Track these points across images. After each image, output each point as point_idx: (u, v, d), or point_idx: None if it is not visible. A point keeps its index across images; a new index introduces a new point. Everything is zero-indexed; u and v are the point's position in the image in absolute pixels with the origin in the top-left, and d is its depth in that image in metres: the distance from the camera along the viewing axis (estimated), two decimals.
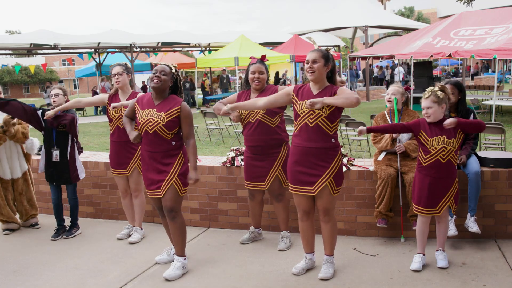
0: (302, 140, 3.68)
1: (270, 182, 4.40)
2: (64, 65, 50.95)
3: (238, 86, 19.55)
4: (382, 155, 4.55)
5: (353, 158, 4.93)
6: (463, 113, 4.40)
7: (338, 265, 4.01)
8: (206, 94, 23.52)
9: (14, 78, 53.25)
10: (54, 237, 4.99)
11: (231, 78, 28.60)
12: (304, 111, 3.67)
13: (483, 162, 4.50)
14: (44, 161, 5.04)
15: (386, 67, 28.23)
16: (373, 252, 4.34)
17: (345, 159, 4.75)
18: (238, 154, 5.11)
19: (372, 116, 8.79)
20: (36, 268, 4.24)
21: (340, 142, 4.56)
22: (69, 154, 4.95)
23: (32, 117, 4.90)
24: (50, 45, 18.66)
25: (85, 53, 22.66)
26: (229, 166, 5.07)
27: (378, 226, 4.53)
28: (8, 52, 24.12)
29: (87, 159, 5.71)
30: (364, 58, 19.42)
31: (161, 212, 4.11)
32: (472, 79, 26.44)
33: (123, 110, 4.66)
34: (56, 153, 4.90)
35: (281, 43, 21.09)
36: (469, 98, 12.76)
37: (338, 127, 3.99)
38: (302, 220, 3.88)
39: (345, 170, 4.60)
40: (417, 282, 3.69)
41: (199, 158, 5.42)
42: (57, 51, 19.87)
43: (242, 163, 4.93)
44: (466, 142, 4.47)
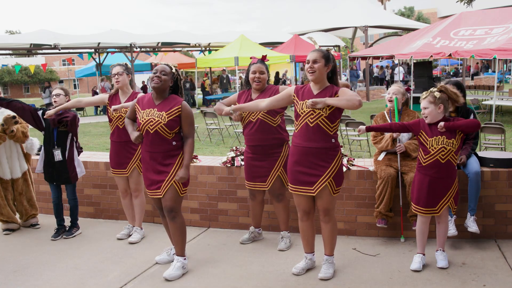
0: (302, 140, 3.69)
1: (272, 182, 4.40)
2: (64, 65, 50.96)
3: (238, 86, 19.54)
4: (382, 155, 4.55)
5: (353, 158, 4.93)
6: (463, 113, 4.40)
7: (338, 265, 4.01)
8: (206, 94, 23.50)
9: (14, 78, 53.25)
10: (54, 237, 4.99)
11: (231, 78, 28.59)
12: (304, 111, 3.67)
13: (483, 162, 4.50)
14: (42, 161, 5.05)
15: (386, 67, 28.24)
16: (373, 252, 4.34)
17: (345, 159, 4.75)
18: (238, 154, 5.11)
19: (372, 116, 8.79)
20: (36, 268, 4.24)
21: (340, 142, 4.56)
22: (67, 154, 4.96)
23: (32, 117, 4.92)
24: (50, 45, 18.66)
25: (85, 53, 22.66)
26: (229, 166, 5.07)
27: (378, 226, 4.53)
28: (8, 52, 24.12)
29: (87, 159, 5.72)
30: (364, 58, 19.42)
31: (161, 212, 4.12)
32: (472, 79, 26.44)
33: (123, 111, 4.66)
34: (57, 152, 4.91)
35: (281, 43, 21.09)
36: (469, 98, 12.77)
37: (338, 127, 3.99)
38: (302, 220, 3.88)
39: (345, 170, 4.60)
40: (417, 282, 3.69)
41: (199, 158, 5.42)
42: (57, 51, 19.87)
43: (242, 163, 4.93)
44: (466, 142, 4.47)
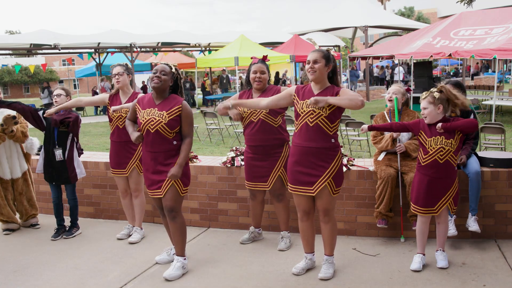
0: (302, 139, 3.69)
1: (273, 182, 4.40)
2: (64, 65, 50.96)
3: (238, 86, 19.54)
4: (382, 155, 4.55)
5: (353, 158, 4.93)
6: (463, 113, 4.39)
7: (338, 265, 4.01)
8: (207, 94, 23.48)
9: (14, 78, 53.26)
10: (54, 237, 4.99)
11: (231, 78, 28.59)
12: (304, 111, 3.67)
13: (483, 162, 4.50)
14: (42, 161, 5.05)
15: (386, 67, 28.24)
16: (373, 252, 4.34)
17: (345, 159, 4.75)
18: (238, 154, 5.11)
19: (372, 116, 8.79)
20: (36, 268, 4.24)
21: (340, 142, 4.56)
22: (67, 154, 4.96)
23: (33, 117, 4.93)
24: (50, 45, 18.66)
25: (85, 53, 22.66)
26: (229, 166, 5.07)
27: (378, 226, 4.52)
28: (8, 52, 24.11)
29: (87, 159, 5.72)
30: (364, 58, 19.42)
31: (161, 211, 4.12)
32: (472, 79, 26.44)
33: (123, 111, 4.66)
34: (58, 152, 4.91)
35: (281, 43, 21.09)
36: (469, 98, 12.71)
37: (338, 127, 3.99)
38: (302, 220, 3.88)
39: (345, 170, 4.60)
40: (417, 282, 3.69)
41: (199, 158, 5.42)
42: (57, 51, 19.87)
43: (242, 163, 4.93)
44: (466, 142, 4.47)
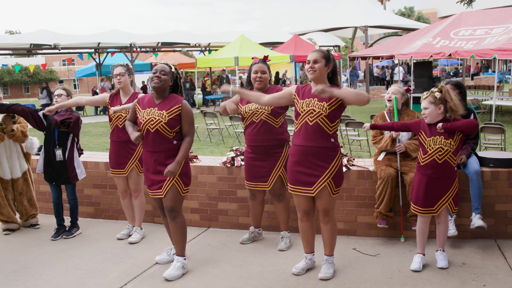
0: (301, 139, 3.69)
1: (273, 182, 4.40)
2: (64, 65, 50.95)
3: (238, 86, 19.52)
4: (382, 155, 4.56)
5: (353, 158, 4.93)
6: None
7: (338, 265, 4.01)
8: (207, 94, 23.45)
9: (14, 78, 53.25)
10: (54, 237, 4.99)
11: (231, 78, 28.56)
12: (304, 110, 3.67)
13: (483, 162, 4.50)
14: (42, 161, 5.05)
15: (386, 67, 28.25)
16: (373, 252, 4.34)
17: (345, 159, 4.75)
18: (238, 154, 5.11)
19: (372, 116, 8.79)
20: (36, 268, 4.24)
21: (340, 142, 4.56)
22: (67, 154, 4.95)
23: (33, 118, 4.92)
24: (50, 45, 18.67)
25: (85, 53, 22.66)
26: (229, 166, 5.07)
27: (378, 226, 4.52)
28: (8, 52, 24.11)
29: (87, 159, 5.72)
30: (364, 58, 19.41)
31: (162, 212, 4.11)
32: (472, 79, 26.44)
33: (123, 111, 4.66)
34: (59, 152, 4.91)
35: (281, 43, 21.10)
36: (469, 98, 12.76)
37: (338, 127, 4.00)
38: (302, 220, 3.88)
39: (345, 170, 4.60)
40: (417, 282, 3.69)
41: (199, 158, 5.42)
42: (57, 51, 19.88)
43: (242, 163, 4.93)
44: (466, 142, 4.47)
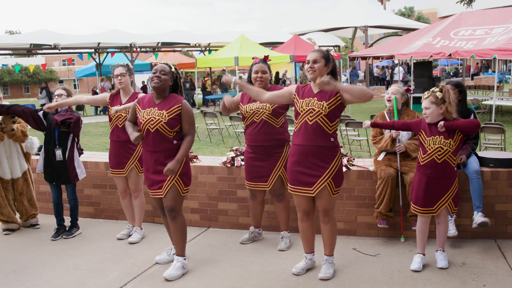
0: (301, 138, 3.69)
1: (273, 182, 4.40)
2: (64, 65, 50.95)
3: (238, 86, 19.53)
4: (382, 155, 4.56)
5: (353, 158, 4.93)
6: (464, 113, 4.39)
7: (338, 265, 4.01)
8: (207, 94, 23.45)
9: (14, 78, 53.24)
10: (54, 237, 4.99)
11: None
12: (304, 109, 3.67)
13: (483, 162, 4.50)
14: (42, 161, 5.05)
15: (386, 67, 28.25)
16: (373, 252, 4.34)
17: (345, 159, 4.75)
18: (238, 154, 5.11)
19: (372, 116, 8.79)
20: (36, 268, 4.24)
21: (340, 142, 4.56)
22: (68, 154, 4.95)
23: (33, 118, 4.92)
24: (50, 45, 18.66)
25: (85, 53, 22.66)
26: (229, 166, 5.07)
27: (378, 226, 4.52)
28: (8, 52, 24.11)
29: (87, 159, 5.71)
30: (364, 58, 19.42)
31: (162, 211, 4.12)
32: (472, 79, 26.44)
33: (124, 111, 4.66)
34: (58, 152, 4.91)
35: (281, 43, 21.10)
36: (469, 98, 12.74)
37: (338, 127, 3.99)
38: (302, 220, 3.88)
39: (345, 170, 4.60)
40: (417, 282, 3.69)
41: (199, 158, 5.42)
42: (57, 51, 19.88)
43: (242, 163, 4.94)
44: (467, 142, 4.47)
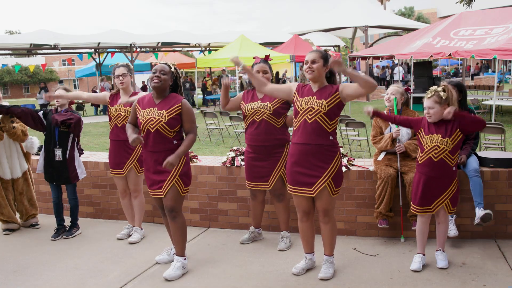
0: (300, 137, 3.68)
1: (274, 182, 4.40)
2: (64, 65, 50.92)
3: (238, 86, 19.54)
4: (382, 155, 4.56)
5: (353, 158, 4.93)
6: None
7: (338, 265, 4.01)
8: (208, 94, 23.45)
9: (14, 78, 53.21)
10: (54, 237, 4.99)
11: (231, 78, 28.50)
12: (303, 108, 3.67)
13: (483, 162, 4.50)
14: (42, 161, 5.05)
15: (386, 67, 28.25)
16: (373, 252, 4.34)
17: (345, 159, 4.75)
18: (238, 154, 5.11)
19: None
20: (36, 268, 4.24)
21: (340, 142, 4.56)
22: (68, 154, 4.95)
23: (32, 118, 4.91)
24: (50, 45, 18.65)
25: (85, 53, 22.65)
26: (229, 166, 5.07)
27: (378, 226, 4.52)
28: (8, 52, 24.10)
29: (87, 159, 5.71)
30: (364, 58, 19.41)
31: (162, 211, 4.12)
32: (472, 79, 26.44)
33: (122, 109, 4.67)
34: (58, 152, 4.91)
35: (281, 43, 21.09)
36: (469, 98, 12.73)
37: (338, 127, 3.99)
38: (302, 221, 3.88)
39: (345, 170, 4.61)
40: (417, 282, 3.69)
41: (199, 158, 5.42)
42: (57, 51, 19.87)
43: (242, 163, 4.94)
44: (467, 142, 4.47)
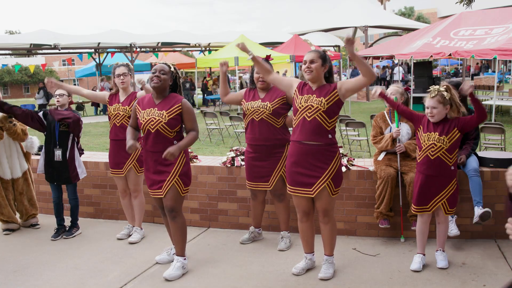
0: (299, 135, 3.68)
1: (274, 182, 4.40)
2: (64, 65, 50.91)
3: (238, 86, 19.55)
4: (382, 155, 4.56)
5: (353, 158, 4.93)
6: (464, 113, 4.39)
7: (338, 265, 4.01)
8: (209, 94, 23.45)
9: (14, 78, 53.20)
10: (54, 237, 4.99)
11: (231, 78, 28.54)
12: (302, 106, 3.68)
13: (483, 162, 4.50)
14: (43, 161, 5.04)
15: (386, 67, 28.25)
16: (373, 252, 4.34)
17: (345, 159, 4.75)
18: (238, 154, 5.11)
19: (372, 116, 8.78)
20: (36, 268, 4.24)
21: (340, 142, 4.56)
22: (68, 154, 4.95)
23: (32, 118, 4.91)
24: (50, 45, 18.63)
25: (85, 53, 22.64)
26: (229, 166, 5.07)
27: (378, 226, 4.52)
28: (8, 52, 24.09)
29: (87, 159, 5.71)
30: (364, 58, 19.39)
31: (162, 211, 4.12)
32: (472, 79, 26.42)
33: (121, 108, 4.68)
34: (58, 152, 4.91)
35: (281, 43, 21.07)
36: (469, 98, 12.74)
37: (338, 127, 3.99)
38: (302, 221, 3.88)
39: (345, 170, 4.61)
40: (417, 282, 3.69)
41: (199, 158, 5.42)
42: (57, 51, 19.85)
43: (242, 163, 4.94)
44: (467, 142, 4.48)
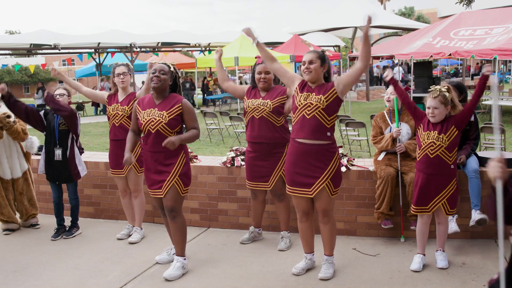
0: (298, 132, 3.68)
1: (274, 182, 4.40)
2: (64, 65, 50.91)
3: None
4: (382, 155, 4.56)
5: (353, 158, 4.93)
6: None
7: (338, 265, 4.01)
8: (209, 94, 23.44)
9: (14, 78, 53.19)
10: (54, 237, 4.99)
11: (231, 78, 28.54)
12: (302, 103, 3.68)
13: (483, 162, 4.49)
14: (43, 161, 5.04)
15: (386, 67, 28.27)
16: (373, 252, 4.34)
17: (345, 159, 4.75)
18: (238, 154, 5.12)
19: (372, 116, 8.78)
20: (36, 268, 4.25)
21: (340, 142, 4.56)
22: (68, 153, 4.95)
23: (34, 117, 4.90)
24: (50, 45, 18.62)
25: (85, 53, 22.63)
26: (229, 166, 5.08)
27: (378, 226, 4.52)
28: (8, 52, 24.09)
29: (87, 159, 5.71)
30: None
31: (162, 211, 4.12)
32: (472, 79, 26.44)
33: (119, 108, 4.68)
34: (58, 152, 4.91)
35: (281, 43, 21.06)
36: (469, 98, 12.75)
37: (338, 127, 3.99)
38: (302, 221, 3.88)
39: (345, 170, 4.61)
40: (417, 282, 3.69)
41: (199, 158, 5.43)
42: (57, 51, 19.84)
43: (242, 163, 4.94)
44: (467, 142, 4.48)
